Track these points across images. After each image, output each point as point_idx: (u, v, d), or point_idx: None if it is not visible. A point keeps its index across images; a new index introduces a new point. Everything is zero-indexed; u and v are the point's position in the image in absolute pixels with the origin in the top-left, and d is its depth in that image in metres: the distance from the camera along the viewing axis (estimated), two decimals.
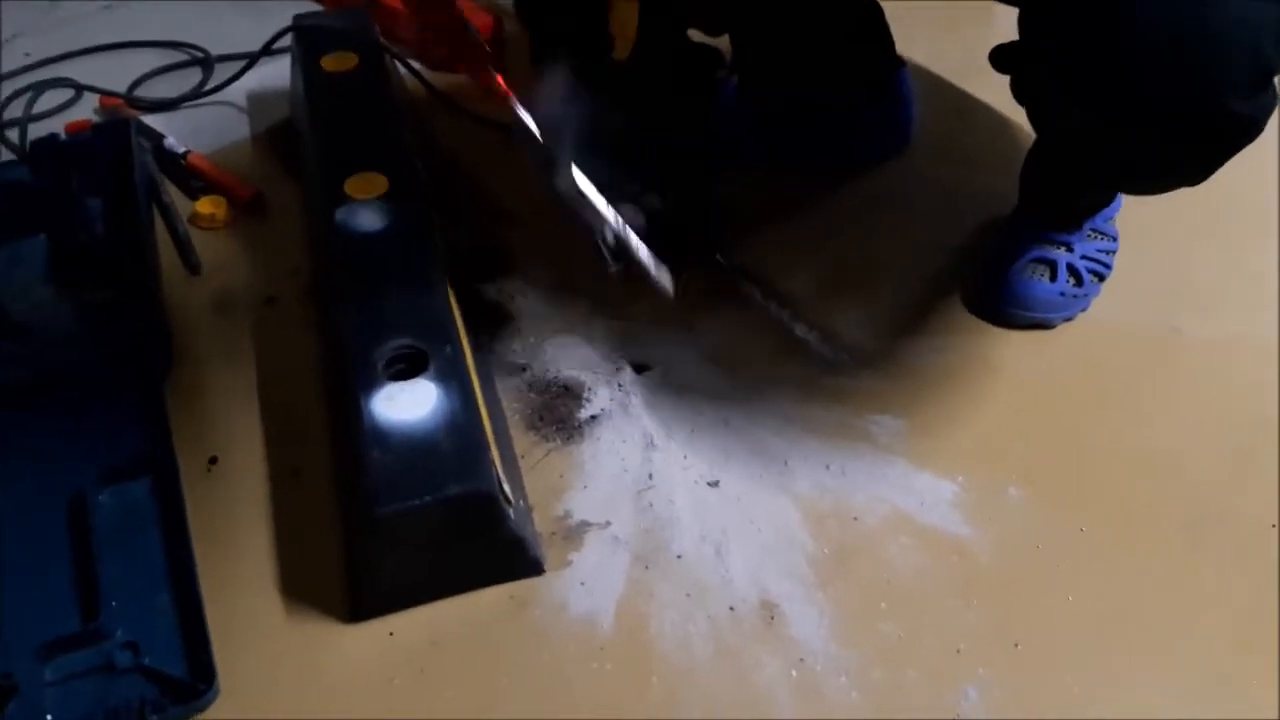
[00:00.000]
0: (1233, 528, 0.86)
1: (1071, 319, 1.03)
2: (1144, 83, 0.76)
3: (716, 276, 1.07)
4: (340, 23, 1.25)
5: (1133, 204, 1.06)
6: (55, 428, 0.90)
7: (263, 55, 1.32)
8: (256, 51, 1.31)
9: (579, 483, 0.90)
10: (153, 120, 1.26)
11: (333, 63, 1.16)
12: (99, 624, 0.77)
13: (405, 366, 0.86)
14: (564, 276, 1.08)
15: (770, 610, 0.81)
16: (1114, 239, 1.06)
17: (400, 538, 0.79)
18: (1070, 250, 1.02)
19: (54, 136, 1.18)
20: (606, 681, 0.77)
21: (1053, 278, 1.01)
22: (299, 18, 1.27)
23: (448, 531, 0.79)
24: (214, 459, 0.92)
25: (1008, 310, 1.01)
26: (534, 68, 1.04)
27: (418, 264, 0.96)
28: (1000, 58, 0.88)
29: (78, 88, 1.33)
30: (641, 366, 1.00)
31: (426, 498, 0.77)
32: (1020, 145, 1.11)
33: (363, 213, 0.99)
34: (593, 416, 0.95)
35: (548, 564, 0.84)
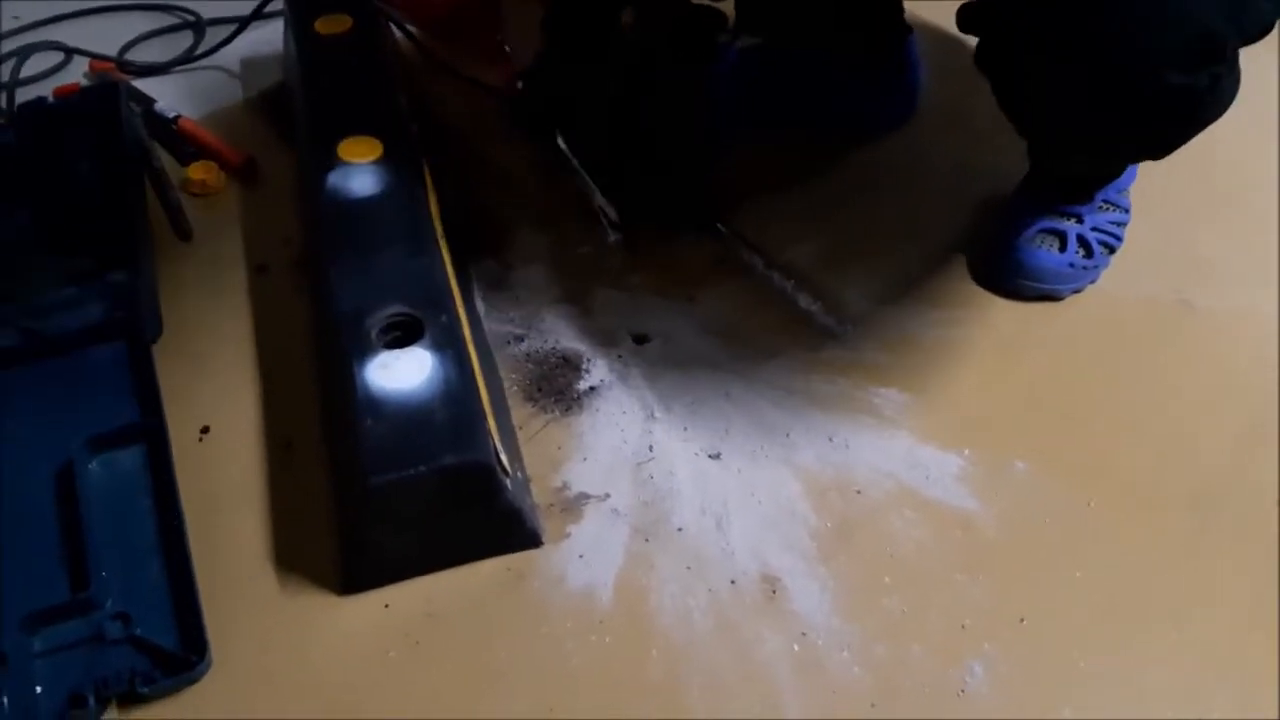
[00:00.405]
0: (1240, 502, 0.85)
1: (1080, 291, 1.01)
2: (1087, 50, 0.77)
3: (718, 246, 1.06)
4: None
5: (1142, 176, 1.05)
6: (44, 395, 0.89)
7: (255, 18, 1.30)
8: (249, 15, 1.29)
9: (578, 454, 0.89)
10: (143, 84, 1.24)
11: (326, 25, 1.15)
12: (89, 594, 0.76)
13: (400, 334, 0.85)
14: (563, 245, 1.06)
15: (772, 584, 0.80)
16: (1126, 210, 1.04)
17: (394, 508, 0.77)
18: (1080, 221, 1.01)
19: (42, 100, 1.16)
20: (605, 655, 0.76)
21: (1062, 248, 0.99)
22: None
23: (443, 502, 0.78)
24: (205, 428, 0.90)
25: (1015, 281, 1.00)
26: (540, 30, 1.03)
27: (412, 229, 0.94)
28: (965, 18, 0.87)
29: (67, 51, 1.30)
30: (641, 337, 0.98)
31: (421, 468, 0.76)
32: None
33: (356, 176, 0.97)
34: (592, 388, 0.94)
35: (546, 536, 0.83)
